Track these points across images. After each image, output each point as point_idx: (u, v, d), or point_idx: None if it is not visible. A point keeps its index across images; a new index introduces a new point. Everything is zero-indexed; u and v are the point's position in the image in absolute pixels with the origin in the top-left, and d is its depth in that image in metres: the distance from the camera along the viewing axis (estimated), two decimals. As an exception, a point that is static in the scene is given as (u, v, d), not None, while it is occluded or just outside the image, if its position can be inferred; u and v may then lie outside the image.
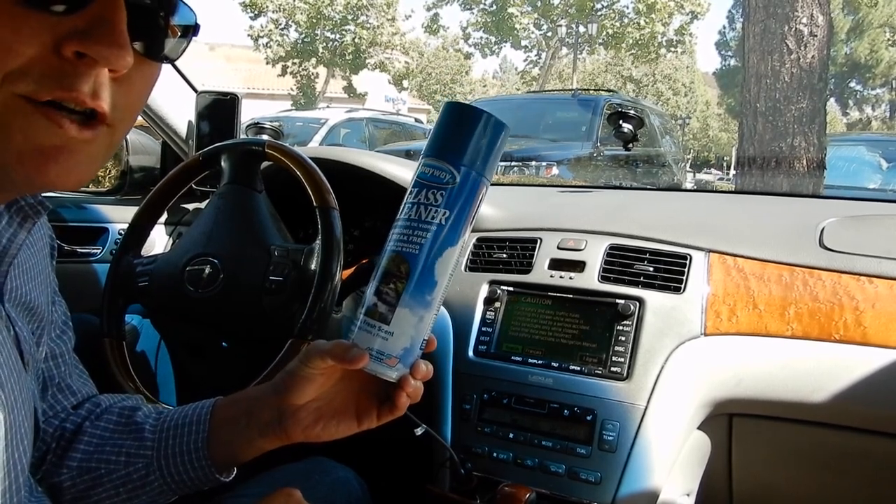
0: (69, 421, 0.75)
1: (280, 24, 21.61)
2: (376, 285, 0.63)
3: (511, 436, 1.10)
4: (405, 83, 24.47)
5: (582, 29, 22.26)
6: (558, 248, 1.23)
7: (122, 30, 0.48)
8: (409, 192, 0.64)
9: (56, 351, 0.75)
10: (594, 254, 1.19)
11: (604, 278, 1.16)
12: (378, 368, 0.62)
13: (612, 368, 1.08)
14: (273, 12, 21.29)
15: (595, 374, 1.09)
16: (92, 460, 0.73)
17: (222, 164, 1.21)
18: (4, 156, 0.47)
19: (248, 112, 2.52)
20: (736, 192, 3.76)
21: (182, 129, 1.66)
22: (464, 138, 0.64)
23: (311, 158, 1.16)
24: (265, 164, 1.21)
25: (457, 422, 1.14)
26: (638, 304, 1.11)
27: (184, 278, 1.14)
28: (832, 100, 27.61)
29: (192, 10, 0.57)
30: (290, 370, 0.68)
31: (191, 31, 0.58)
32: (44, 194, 0.61)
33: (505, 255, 1.26)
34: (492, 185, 0.69)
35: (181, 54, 0.59)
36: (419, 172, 0.65)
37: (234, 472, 0.76)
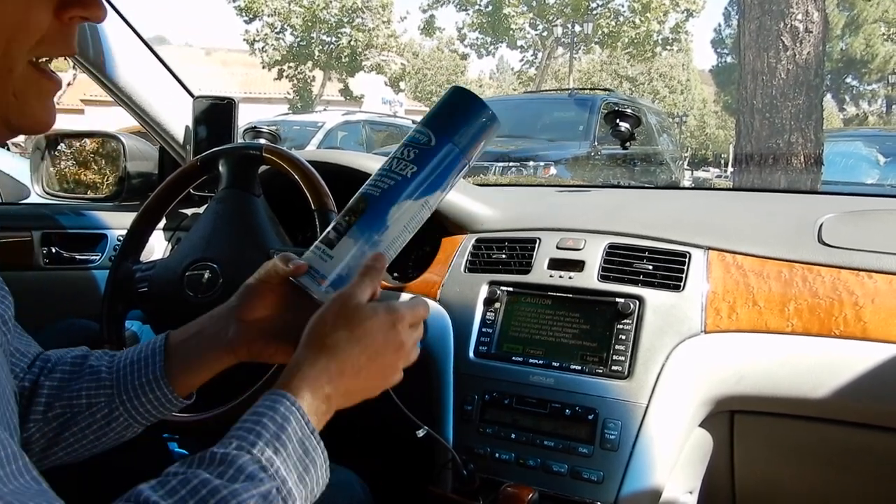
0: (25, 380, 0.77)
1: (276, 28, 21.62)
2: (336, 217, 0.71)
3: (513, 436, 1.10)
4: (402, 85, 24.48)
5: (578, 28, 22.28)
6: (557, 247, 1.23)
7: None
8: None
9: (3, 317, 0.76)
10: (593, 253, 1.19)
11: (603, 277, 1.16)
12: (308, 283, 0.69)
13: (613, 367, 1.08)
14: (268, 16, 21.31)
15: (596, 374, 1.09)
16: (55, 408, 0.76)
17: (220, 168, 1.21)
18: (20, 118, 0.57)
19: (245, 116, 2.52)
20: (734, 189, 3.77)
21: (179, 135, 1.66)
22: (453, 115, 0.73)
23: (308, 161, 1.16)
24: (263, 168, 1.21)
25: (458, 423, 1.14)
26: (638, 302, 1.11)
27: (183, 283, 1.14)
28: (828, 96, 27.66)
29: None
30: (246, 284, 0.76)
31: None
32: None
33: (504, 256, 1.26)
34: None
35: None
36: (407, 136, 0.73)
37: (194, 397, 0.81)
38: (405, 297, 0.71)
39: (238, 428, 0.58)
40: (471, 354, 1.18)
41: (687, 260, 1.14)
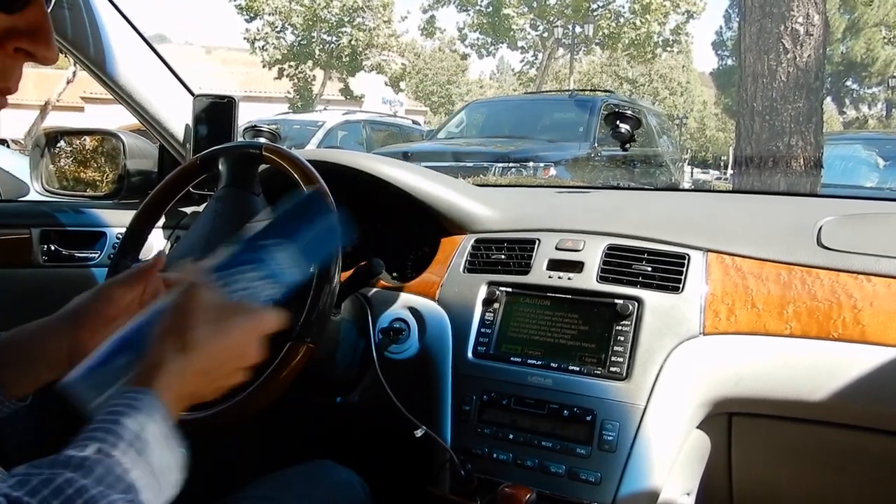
0: None
1: (276, 27, 21.61)
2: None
3: (511, 436, 1.10)
4: (402, 85, 24.48)
5: (578, 29, 22.29)
6: (556, 248, 1.23)
7: (52, 31, 0.57)
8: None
9: None
10: (592, 254, 1.19)
11: (602, 278, 1.16)
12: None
13: (612, 368, 1.08)
14: (269, 15, 21.30)
15: (594, 375, 1.09)
16: None
17: (220, 167, 1.21)
18: None
19: (245, 115, 2.52)
20: (733, 191, 3.77)
21: (179, 133, 1.66)
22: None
23: (308, 161, 1.16)
24: (262, 167, 1.21)
25: (456, 423, 1.14)
26: (636, 303, 1.11)
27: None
28: (829, 99, 27.67)
29: None
30: (87, 306, 0.77)
31: None
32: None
33: (503, 256, 1.26)
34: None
35: None
36: None
37: (30, 398, 0.78)
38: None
39: (96, 428, 0.56)
40: (469, 355, 1.18)
41: (686, 262, 1.14)
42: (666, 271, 1.14)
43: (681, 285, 1.12)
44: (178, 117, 1.65)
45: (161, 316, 0.67)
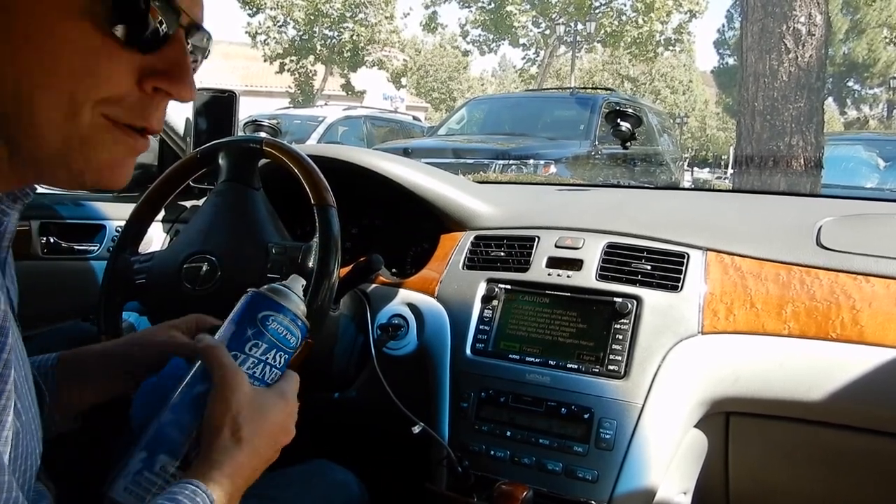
0: None
1: (278, 21, 21.56)
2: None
3: (508, 434, 1.10)
4: (403, 81, 24.44)
5: (580, 27, 22.25)
6: (556, 246, 1.23)
7: (191, 71, 0.58)
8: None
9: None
10: (592, 252, 1.19)
11: (601, 276, 1.16)
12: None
13: (610, 367, 1.08)
14: (271, 9, 21.25)
15: (592, 373, 1.09)
16: None
17: (220, 161, 1.21)
18: (83, 164, 0.55)
19: (246, 109, 2.52)
20: (734, 190, 3.77)
21: (180, 127, 1.66)
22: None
23: (308, 156, 1.16)
24: (263, 161, 1.21)
25: (454, 420, 1.14)
26: (635, 302, 1.11)
27: (181, 276, 1.13)
28: (830, 99, 27.67)
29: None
30: (144, 336, 0.82)
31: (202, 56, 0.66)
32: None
33: (503, 253, 1.26)
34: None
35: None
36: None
37: (80, 420, 0.82)
38: (291, 377, 0.74)
39: None
40: (468, 352, 1.18)
41: (685, 261, 1.14)
42: (665, 270, 1.14)
43: (680, 284, 1.12)
44: (178, 111, 1.64)
45: (198, 406, 0.66)
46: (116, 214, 1.64)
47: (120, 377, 0.80)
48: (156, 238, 1.63)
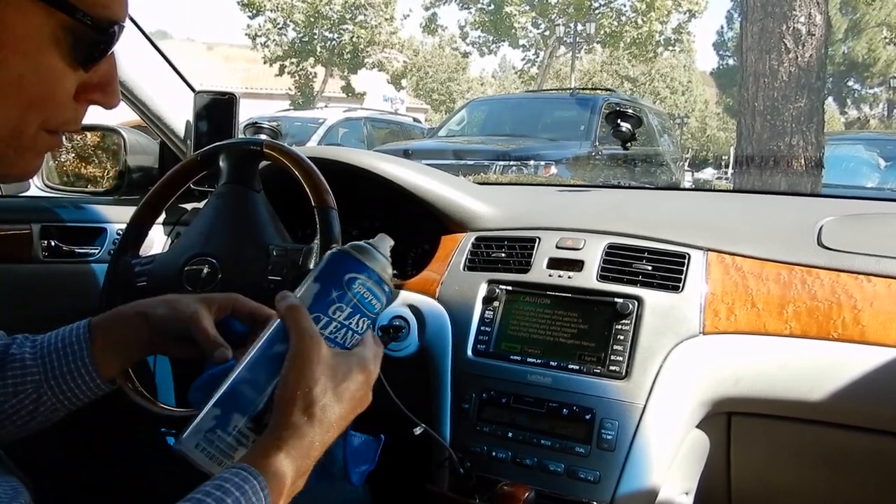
0: None
1: (278, 24, 21.59)
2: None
3: (510, 435, 1.10)
4: (403, 82, 24.45)
5: (580, 28, 22.27)
6: (557, 247, 1.23)
7: (118, 82, 0.62)
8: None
9: None
10: (593, 253, 1.19)
11: (602, 277, 1.16)
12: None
13: (611, 367, 1.08)
14: (271, 11, 21.28)
15: (594, 374, 1.09)
16: None
17: (220, 163, 1.21)
18: (13, 168, 0.58)
19: (247, 112, 2.52)
20: (734, 191, 3.77)
21: (180, 129, 1.66)
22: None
23: (309, 158, 1.16)
24: (263, 163, 1.21)
25: (456, 421, 1.14)
26: (636, 303, 1.11)
27: (182, 278, 1.13)
28: (830, 99, 27.68)
29: None
30: (173, 301, 0.81)
31: None
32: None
33: (503, 255, 1.26)
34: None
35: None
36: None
37: (117, 383, 0.84)
38: (373, 343, 0.69)
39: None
40: (469, 353, 1.18)
41: (686, 261, 1.14)
42: (666, 270, 1.14)
43: (681, 284, 1.11)
44: (179, 114, 1.64)
45: (276, 366, 0.63)
46: (117, 217, 1.64)
47: (154, 340, 0.81)
48: (157, 241, 1.63)
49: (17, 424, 0.78)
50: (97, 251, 1.62)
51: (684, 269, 1.13)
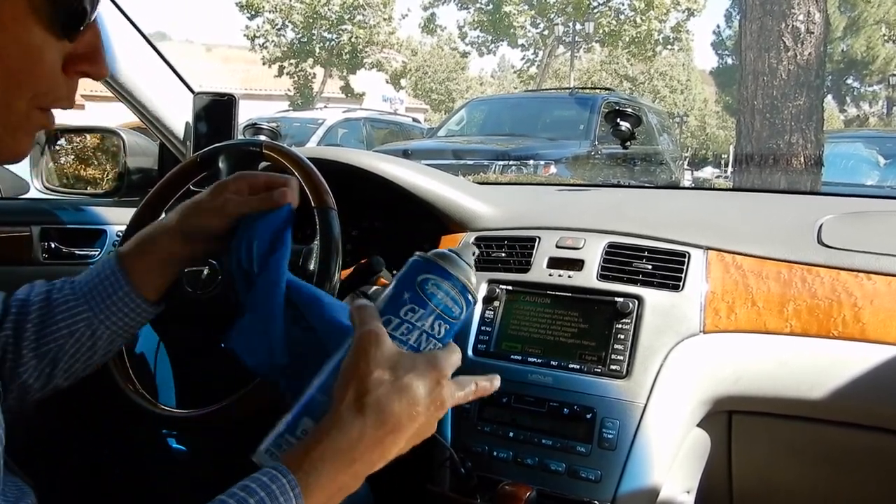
0: (3, 335, 0.80)
1: (277, 25, 21.61)
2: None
3: (511, 434, 1.10)
4: (403, 82, 24.45)
5: (578, 27, 22.27)
6: (557, 246, 1.23)
7: (104, 50, 0.61)
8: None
9: None
10: (593, 252, 1.19)
11: (602, 276, 1.16)
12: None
13: (612, 366, 1.08)
14: (270, 12, 21.29)
15: (594, 373, 1.09)
16: (41, 348, 0.80)
17: (220, 164, 1.21)
18: (7, 147, 0.57)
19: (246, 113, 2.52)
20: (734, 189, 3.77)
21: (179, 131, 1.66)
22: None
23: (308, 159, 1.16)
24: (263, 164, 1.21)
25: (456, 421, 1.14)
26: (637, 302, 1.11)
27: (182, 280, 1.13)
28: (829, 97, 27.68)
29: None
30: (195, 201, 0.84)
31: None
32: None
33: (503, 254, 1.26)
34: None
35: None
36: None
37: (164, 303, 0.88)
38: (449, 348, 0.67)
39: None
40: (469, 353, 1.18)
41: (686, 260, 1.14)
42: (666, 269, 1.14)
43: (681, 283, 1.11)
44: (178, 115, 1.65)
45: (336, 369, 0.63)
46: (117, 219, 1.64)
47: (186, 251, 0.84)
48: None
49: (82, 362, 0.82)
50: (97, 253, 1.62)
51: (684, 267, 1.13)
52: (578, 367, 1.10)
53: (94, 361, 0.83)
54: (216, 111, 1.63)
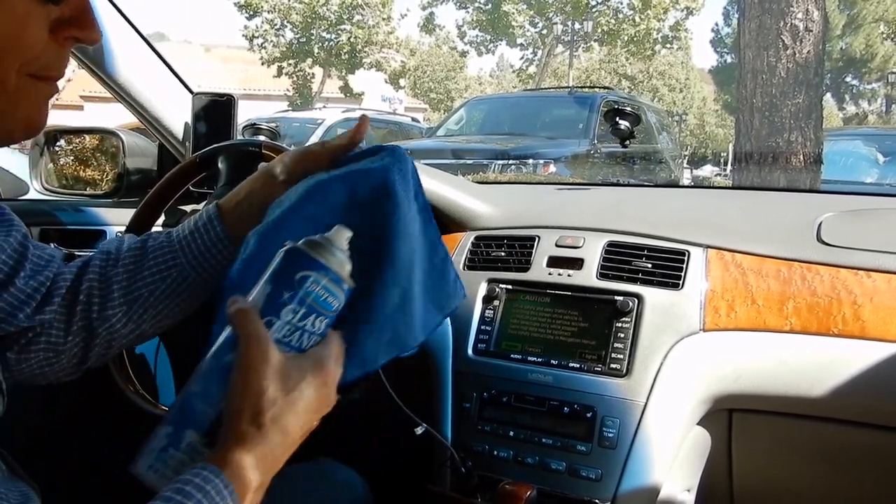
0: (87, 279, 0.83)
1: (275, 25, 21.61)
2: None
3: (511, 434, 1.10)
4: (402, 82, 24.45)
5: (577, 26, 22.28)
6: (556, 245, 1.23)
7: (93, 13, 0.59)
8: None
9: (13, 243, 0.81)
10: (592, 251, 1.19)
11: (602, 275, 1.16)
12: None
13: (612, 365, 1.08)
14: (268, 12, 21.29)
15: (594, 372, 1.09)
16: (132, 291, 0.82)
17: (219, 165, 1.21)
18: (13, 123, 0.58)
19: (245, 113, 2.52)
20: (733, 187, 3.76)
21: (179, 131, 1.66)
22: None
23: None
24: (262, 165, 1.21)
25: (457, 420, 1.14)
26: (636, 300, 1.11)
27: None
28: (828, 95, 27.69)
29: None
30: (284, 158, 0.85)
31: None
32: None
33: (503, 253, 1.26)
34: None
35: None
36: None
37: None
38: (329, 342, 0.66)
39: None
40: (469, 352, 1.18)
41: (686, 258, 1.14)
42: (666, 268, 1.14)
43: (681, 282, 1.12)
44: (177, 115, 1.64)
45: (226, 378, 0.60)
46: (116, 220, 1.64)
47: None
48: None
49: (171, 308, 0.84)
50: (97, 254, 1.61)
51: (684, 266, 1.13)
52: (578, 365, 1.10)
53: (183, 311, 0.85)
54: (215, 111, 1.63)
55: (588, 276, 1.16)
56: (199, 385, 0.62)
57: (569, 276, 1.18)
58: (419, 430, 1.10)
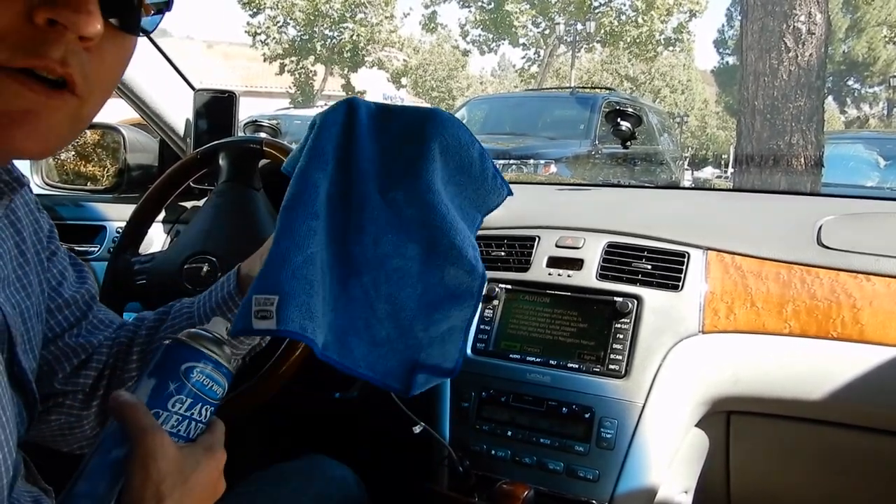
0: (118, 343, 0.85)
1: (278, 22, 21.59)
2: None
3: (509, 434, 1.10)
4: (403, 81, 24.45)
5: (580, 27, 22.26)
6: (556, 245, 1.23)
7: None
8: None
9: (84, 297, 0.82)
10: (592, 251, 1.19)
11: (602, 276, 1.16)
12: None
13: (611, 366, 1.08)
14: (271, 9, 21.28)
15: (593, 372, 1.09)
16: (148, 353, 0.83)
17: (220, 161, 1.21)
18: (12, 140, 0.50)
19: (246, 110, 2.52)
20: (734, 190, 3.77)
21: (180, 127, 1.66)
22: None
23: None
24: (263, 162, 1.21)
25: (455, 420, 1.14)
26: (636, 301, 1.11)
27: (182, 276, 1.13)
28: (830, 98, 27.69)
29: None
30: None
31: (164, 6, 0.60)
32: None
33: (503, 253, 1.26)
34: None
35: (155, 28, 0.61)
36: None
37: None
38: (215, 428, 0.67)
39: None
40: (468, 352, 1.18)
41: (686, 260, 1.14)
42: (665, 269, 1.14)
43: (680, 283, 1.12)
44: (178, 112, 1.64)
45: (116, 473, 0.58)
46: (117, 215, 1.64)
47: None
48: (156, 239, 1.63)
49: None
50: (97, 249, 1.62)
51: (684, 268, 1.13)
52: (577, 366, 1.10)
53: None
54: (217, 108, 1.63)
55: (588, 277, 1.17)
56: (85, 484, 0.59)
57: (568, 276, 1.18)
58: (417, 429, 1.10)
